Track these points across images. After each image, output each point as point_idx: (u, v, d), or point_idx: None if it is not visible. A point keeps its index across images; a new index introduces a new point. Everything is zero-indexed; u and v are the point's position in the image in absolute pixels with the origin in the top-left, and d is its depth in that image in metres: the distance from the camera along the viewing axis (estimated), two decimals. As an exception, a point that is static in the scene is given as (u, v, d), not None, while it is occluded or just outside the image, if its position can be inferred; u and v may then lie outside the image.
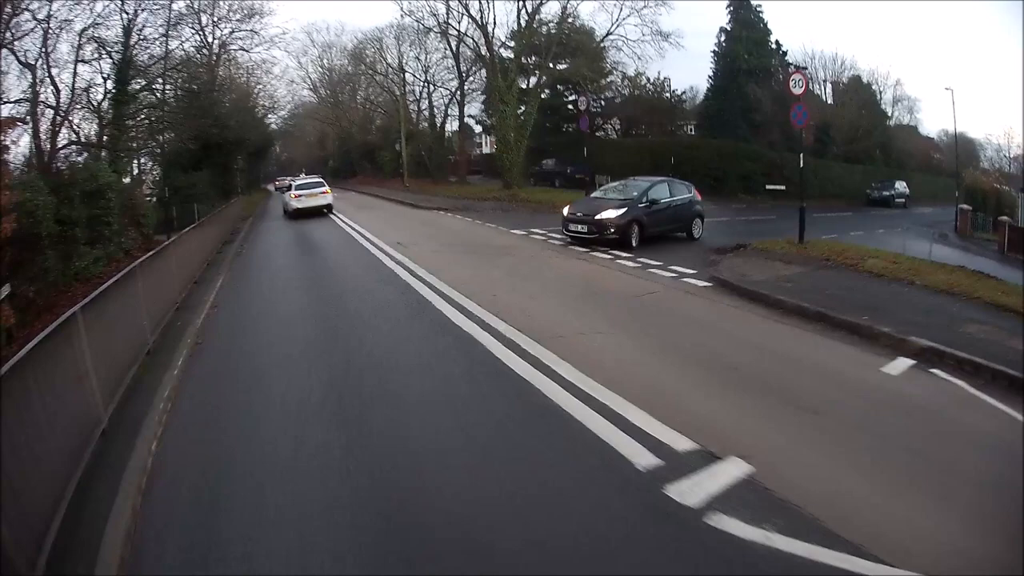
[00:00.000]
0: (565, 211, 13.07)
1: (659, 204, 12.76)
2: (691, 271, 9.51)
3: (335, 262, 12.00)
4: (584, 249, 11.88)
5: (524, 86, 30.09)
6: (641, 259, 10.58)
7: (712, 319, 7.04)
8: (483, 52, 28.23)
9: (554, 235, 13.60)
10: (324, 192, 22.80)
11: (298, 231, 18.96)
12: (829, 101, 39.66)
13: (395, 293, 8.63)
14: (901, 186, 32.70)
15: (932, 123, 60.54)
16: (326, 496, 3.51)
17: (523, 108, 28.00)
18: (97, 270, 13.21)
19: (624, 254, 11.16)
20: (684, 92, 39.64)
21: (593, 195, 14.27)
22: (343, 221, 20.15)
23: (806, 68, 12.53)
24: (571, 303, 7.87)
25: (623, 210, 12.11)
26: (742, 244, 12.26)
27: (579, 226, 12.45)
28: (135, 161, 27.54)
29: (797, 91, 13.46)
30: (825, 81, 38.67)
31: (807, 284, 8.39)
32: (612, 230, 11.88)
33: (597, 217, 12.12)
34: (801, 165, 15.37)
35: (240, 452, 4.12)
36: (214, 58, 31.33)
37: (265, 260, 13.26)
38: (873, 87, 37.78)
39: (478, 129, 48.85)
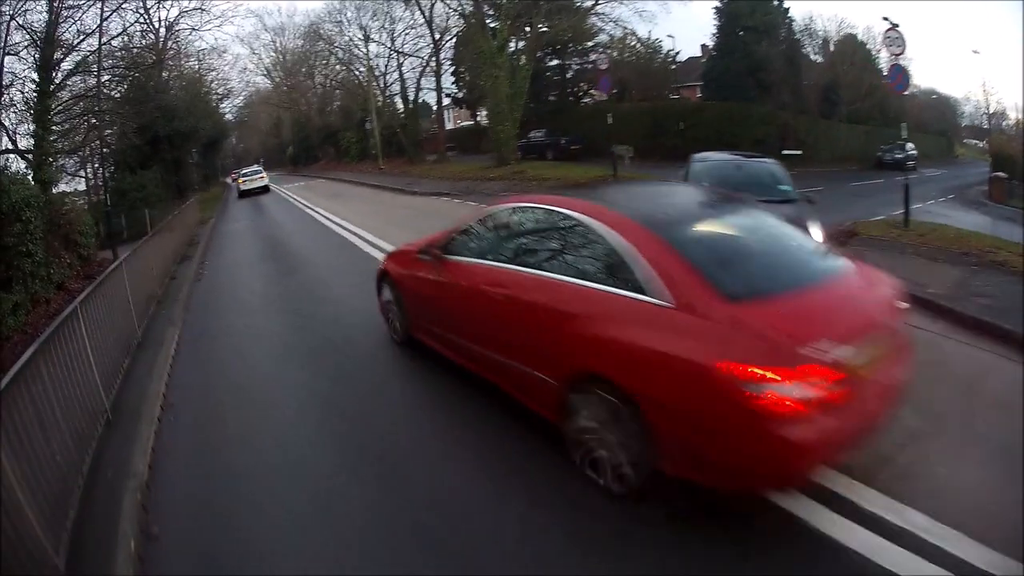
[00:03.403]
0: None
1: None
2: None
3: (340, 296, 7.90)
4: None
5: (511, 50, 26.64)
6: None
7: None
8: (467, 11, 24.60)
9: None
10: (261, 176, 31.54)
11: (271, 236, 15.47)
12: (818, 59, 37.25)
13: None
14: (911, 147, 30.73)
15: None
16: None
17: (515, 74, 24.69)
18: (18, 322, 9.68)
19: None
20: (676, 53, 36.84)
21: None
22: (326, 217, 16.58)
23: (898, 25, 10.22)
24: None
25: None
26: (851, 231, 9.69)
27: None
28: (88, 165, 23.77)
29: (897, 51, 10.88)
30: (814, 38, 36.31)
31: (1007, 300, 5.95)
32: None
33: None
34: (903, 136, 13.40)
35: None
36: (160, 42, 27.35)
37: (234, 294, 9.46)
38: (868, 45, 35.39)
39: (445, 102, 44.53)
